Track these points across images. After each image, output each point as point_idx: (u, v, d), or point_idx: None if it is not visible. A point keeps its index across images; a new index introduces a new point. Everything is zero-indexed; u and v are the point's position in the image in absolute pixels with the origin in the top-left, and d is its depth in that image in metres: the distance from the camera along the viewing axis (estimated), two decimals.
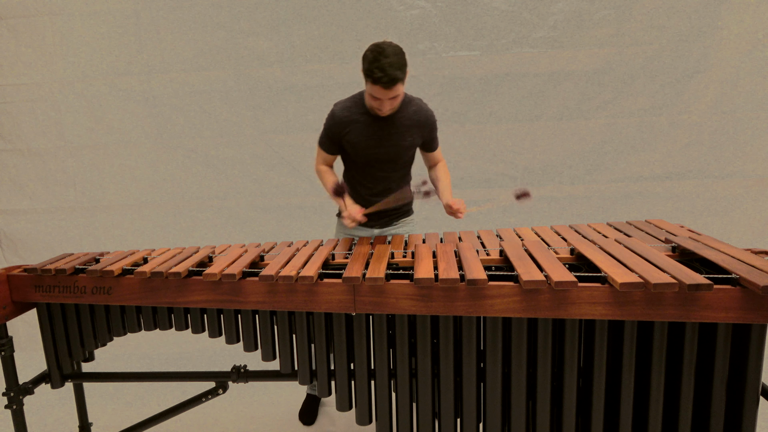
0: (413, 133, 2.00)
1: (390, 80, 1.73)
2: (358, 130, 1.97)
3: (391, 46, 1.75)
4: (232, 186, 3.32)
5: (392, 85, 1.74)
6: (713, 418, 1.35)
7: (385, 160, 2.02)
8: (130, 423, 2.02)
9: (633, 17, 2.99)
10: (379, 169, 2.05)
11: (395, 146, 1.99)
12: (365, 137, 1.97)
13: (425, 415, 1.53)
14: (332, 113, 2.01)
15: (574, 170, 3.17)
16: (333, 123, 2.00)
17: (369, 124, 1.96)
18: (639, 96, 3.07)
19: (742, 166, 3.09)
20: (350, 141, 1.99)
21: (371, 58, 1.74)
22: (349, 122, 1.97)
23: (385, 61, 1.71)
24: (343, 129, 1.98)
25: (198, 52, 3.19)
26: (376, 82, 1.74)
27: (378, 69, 1.72)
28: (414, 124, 1.99)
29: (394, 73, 1.72)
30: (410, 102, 2.00)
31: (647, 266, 1.34)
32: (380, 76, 1.72)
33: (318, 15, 3.10)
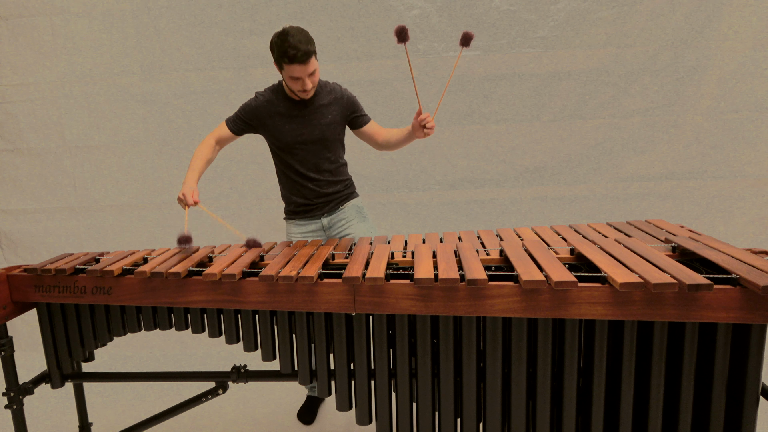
0: (332, 111, 2.12)
1: (304, 54, 1.83)
2: (280, 117, 2.09)
3: (293, 27, 1.86)
4: (232, 186, 3.32)
5: (307, 58, 1.85)
6: (713, 418, 1.35)
7: (311, 141, 2.11)
8: (130, 423, 2.02)
9: (633, 17, 2.99)
10: (307, 151, 2.13)
11: (317, 125, 2.09)
12: (287, 123, 2.08)
13: (425, 415, 1.53)
14: (256, 99, 2.10)
15: (574, 170, 3.17)
16: (256, 105, 2.10)
17: (290, 108, 2.08)
18: (639, 96, 3.07)
19: (742, 166, 3.09)
20: (274, 129, 2.10)
21: (279, 42, 1.85)
22: (269, 111, 2.09)
23: (293, 39, 1.82)
24: (263, 118, 2.10)
25: (198, 52, 3.19)
26: (292, 60, 1.84)
27: (290, 47, 1.82)
28: (331, 101, 2.11)
29: (306, 47, 1.84)
30: (324, 84, 2.13)
31: (647, 266, 1.34)
32: (294, 53, 1.82)
33: (318, 15, 3.10)
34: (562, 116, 3.13)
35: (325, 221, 2.26)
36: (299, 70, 1.87)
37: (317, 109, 2.09)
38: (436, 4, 3.05)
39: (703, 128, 3.07)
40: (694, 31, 2.97)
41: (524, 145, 3.17)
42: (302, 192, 2.20)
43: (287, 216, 2.31)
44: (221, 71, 3.20)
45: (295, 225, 2.28)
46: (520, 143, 3.17)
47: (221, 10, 3.13)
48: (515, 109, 3.14)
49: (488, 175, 3.23)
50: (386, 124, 3.16)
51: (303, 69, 1.87)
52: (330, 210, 2.25)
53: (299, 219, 2.26)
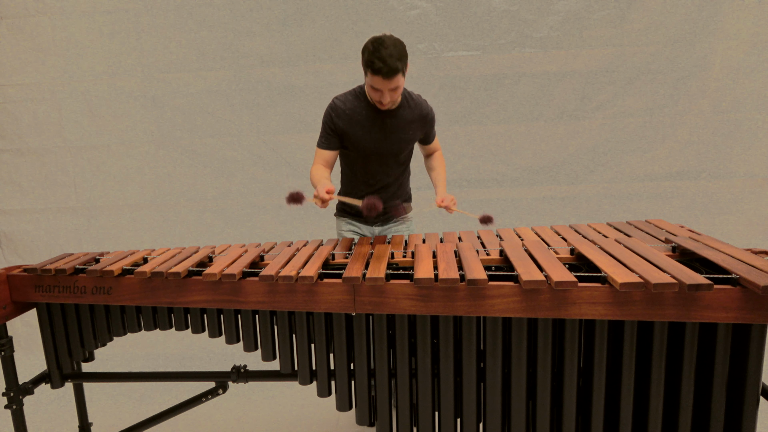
0: (414, 128, 2.03)
1: (390, 70, 1.73)
2: (361, 123, 1.97)
3: (390, 38, 1.76)
4: (232, 186, 3.32)
5: (392, 75, 1.75)
6: (713, 418, 1.35)
7: (387, 154, 2.03)
8: (130, 423, 2.02)
9: (633, 17, 2.99)
10: (380, 164, 2.05)
11: (398, 141, 2.00)
12: (368, 130, 1.97)
13: (425, 415, 1.53)
14: (333, 105, 1.99)
15: (574, 170, 3.17)
16: (334, 114, 1.98)
17: (371, 117, 1.96)
18: (639, 96, 3.07)
19: (742, 166, 3.09)
20: (353, 134, 1.98)
21: (371, 49, 1.75)
22: (351, 114, 1.96)
23: (384, 52, 1.72)
24: (344, 121, 1.97)
25: (198, 52, 3.19)
26: (376, 72, 1.75)
27: (378, 59, 1.72)
28: (415, 119, 2.01)
29: (395, 63, 1.73)
30: (410, 97, 2.01)
31: (647, 266, 1.34)
32: (380, 67, 1.73)
33: (318, 15, 3.10)
34: (562, 116, 3.13)
35: (377, 230, 2.21)
36: (381, 83, 1.78)
37: (400, 123, 1.99)
38: (436, 4, 3.05)
39: (703, 128, 3.07)
40: (694, 31, 2.97)
41: (524, 145, 3.17)
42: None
43: (339, 213, 2.25)
44: (221, 71, 3.20)
45: (346, 223, 2.22)
46: (520, 143, 3.17)
47: (221, 10, 3.13)
48: (515, 109, 3.14)
49: (488, 175, 3.22)
50: None
51: (385, 83, 1.78)
52: (384, 221, 2.21)
53: (351, 218, 2.21)
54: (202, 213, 3.36)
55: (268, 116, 3.24)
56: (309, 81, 3.18)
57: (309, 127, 3.23)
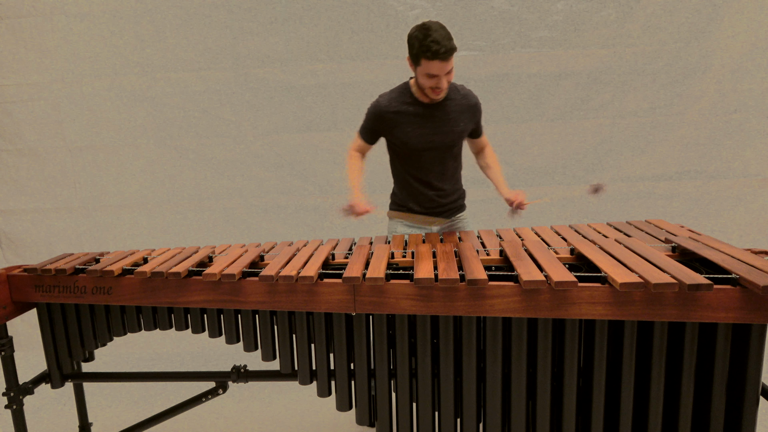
0: (465, 119, 1.98)
1: (447, 50, 1.72)
2: (409, 120, 1.93)
3: (433, 22, 1.76)
4: (232, 186, 3.32)
5: (449, 55, 1.74)
6: (713, 418, 1.35)
7: (440, 148, 1.98)
8: (130, 423, 2.02)
9: (633, 17, 2.99)
10: (433, 158, 1.99)
11: (450, 132, 1.96)
12: (418, 126, 1.94)
13: (425, 415, 1.53)
14: (377, 105, 1.96)
15: (574, 170, 3.17)
16: (378, 115, 1.96)
17: (419, 113, 1.93)
18: (639, 96, 3.07)
19: (742, 166, 3.09)
20: (401, 132, 1.94)
21: (421, 36, 1.74)
22: (396, 114, 1.93)
23: (437, 35, 1.71)
24: (390, 122, 1.94)
25: (198, 52, 3.19)
26: (434, 56, 1.72)
27: (433, 42, 1.71)
28: (465, 109, 1.97)
29: (450, 43, 1.73)
30: (456, 87, 1.98)
31: (647, 266, 1.34)
32: (437, 49, 1.71)
33: (318, 15, 3.10)
34: (562, 116, 3.13)
35: (435, 229, 2.16)
36: (438, 67, 1.75)
37: (450, 114, 1.94)
38: (436, 4, 3.05)
39: (703, 128, 3.07)
40: (694, 31, 2.97)
41: (524, 145, 3.17)
42: (420, 199, 2.06)
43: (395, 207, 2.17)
44: (221, 71, 3.20)
45: (402, 225, 2.14)
46: (520, 143, 3.17)
47: (221, 10, 3.13)
48: (515, 109, 3.14)
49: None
50: None
51: (443, 66, 1.75)
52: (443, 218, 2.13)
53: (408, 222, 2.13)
54: (202, 213, 3.35)
55: (268, 116, 3.24)
56: (309, 81, 3.18)
57: (309, 127, 3.23)
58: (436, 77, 1.79)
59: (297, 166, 3.28)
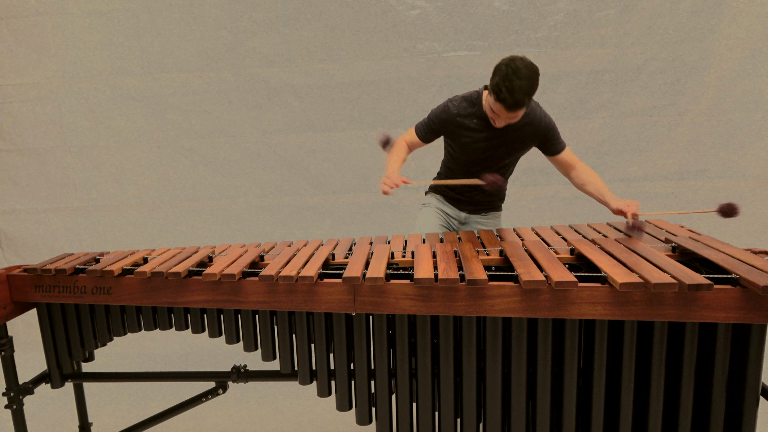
0: (524, 135, 1.93)
1: (514, 104, 1.66)
2: (469, 134, 1.92)
3: (527, 67, 1.66)
4: (232, 186, 3.32)
5: (516, 109, 1.69)
6: (713, 418, 1.35)
7: (491, 164, 2.00)
8: (130, 423, 2.02)
9: (633, 17, 2.99)
10: (483, 169, 1.97)
11: (505, 156, 1.97)
12: (475, 142, 1.93)
13: (425, 415, 1.53)
14: (447, 110, 1.94)
15: None
16: (444, 119, 1.95)
17: (483, 130, 1.90)
18: (639, 96, 3.07)
19: (742, 166, 3.09)
20: (460, 143, 1.96)
21: (503, 74, 1.65)
22: (461, 123, 1.92)
23: (516, 83, 1.62)
24: (454, 129, 1.95)
25: (198, 52, 3.19)
26: (499, 101, 1.68)
27: (507, 89, 1.63)
28: (529, 138, 1.93)
29: (522, 98, 1.65)
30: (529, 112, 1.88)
31: (647, 266, 1.34)
32: (505, 98, 1.65)
33: (318, 15, 3.10)
34: (562, 116, 3.12)
35: (463, 216, 2.19)
36: (502, 111, 1.72)
37: (514, 141, 1.92)
38: (436, 4, 3.05)
39: (703, 128, 3.07)
40: (694, 31, 2.97)
41: None
42: (457, 190, 2.12)
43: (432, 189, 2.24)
44: (221, 71, 3.20)
45: (436, 199, 2.20)
46: None
47: (221, 10, 3.13)
48: None
49: None
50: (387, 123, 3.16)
51: (506, 114, 1.73)
52: (472, 212, 2.19)
53: (445, 199, 2.19)
54: (202, 213, 3.35)
55: (268, 116, 3.24)
56: (309, 81, 3.18)
57: (309, 127, 3.23)
58: (496, 115, 1.77)
59: (297, 166, 3.28)
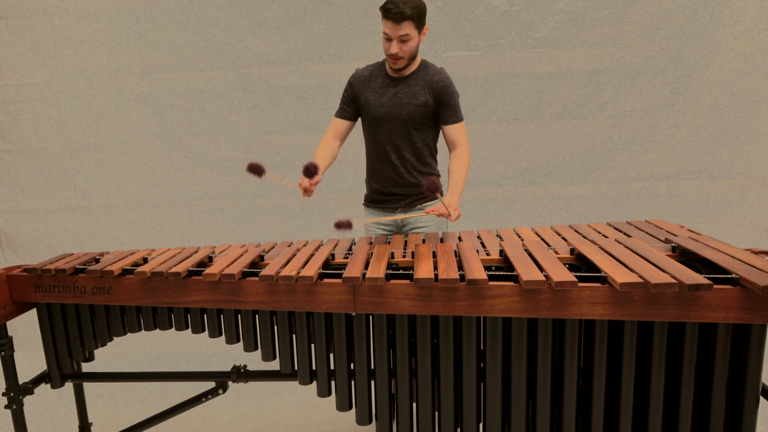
0: (425, 93, 2.01)
1: (399, 13, 1.81)
2: (373, 88, 2.06)
3: None
4: (232, 186, 3.32)
5: (400, 19, 1.82)
6: (713, 418, 1.35)
7: (397, 119, 2.03)
8: (130, 423, 2.02)
9: (633, 17, 2.99)
10: (391, 130, 2.05)
11: (408, 105, 2.02)
12: (379, 95, 2.05)
13: (425, 415, 1.53)
14: (354, 73, 2.12)
15: (574, 170, 3.17)
16: (352, 81, 2.10)
17: (385, 84, 2.05)
18: (639, 96, 3.07)
19: (742, 166, 3.09)
20: (364, 98, 2.07)
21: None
22: (366, 80, 2.07)
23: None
24: (360, 86, 2.08)
25: (198, 52, 3.19)
26: (386, 14, 1.84)
27: (390, 2, 1.82)
28: (426, 83, 2.02)
29: (404, 8, 1.81)
30: (429, 66, 2.05)
31: (647, 266, 1.34)
32: (390, 8, 1.81)
33: (318, 15, 3.10)
34: (562, 116, 3.13)
35: (399, 220, 2.16)
36: (390, 27, 1.85)
37: (412, 87, 2.02)
38: (436, 4, 3.05)
39: (703, 128, 3.07)
40: (694, 31, 2.97)
41: (524, 145, 3.17)
42: (380, 177, 2.13)
43: (365, 202, 2.27)
44: (221, 71, 3.20)
45: (371, 214, 2.23)
46: (520, 143, 3.17)
47: (221, 10, 3.13)
48: (515, 109, 3.14)
49: (488, 175, 3.22)
50: None
51: (394, 28, 1.85)
52: (406, 207, 2.14)
53: (375, 208, 2.21)
54: (202, 213, 3.35)
55: (268, 116, 3.24)
56: (309, 81, 3.18)
57: (309, 127, 3.23)
58: (390, 41, 1.89)
59: (297, 166, 3.28)
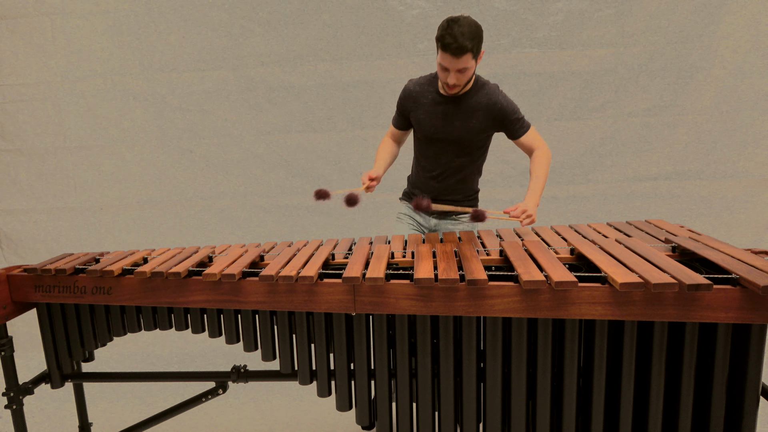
0: (480, 117, 1.96)
1: (458, 48, 1.74)
2: (425, 107, 2.01)
3: (467, 19, 1.78)
4: (232, 186, 3.32)
5: (460, 53, 1.75)
6: (713, 418, 1.35)
7: (449, 141, 2.00)
8: (130, 423, 2.02)
9: (633, 17, 2.99)
10: (438, 150, 2.03)
11: (460, 128, 1.97)
12: (430, 114, 2.00)
13: (425, 415, 1.53)
14: (405, 87, 2.07)
15: (574, 170, 3.17)
16: (403, 96, 2.06)
17: (437, 102, 1.99)
18: (639, 96, 3.07)
19: (742, 166, 3.09)
20: (416, 117, 2.03)
21: (445, 25, 1.77)
22: (418, 97, 2.02)
23: (457, 30, 1.73)
24: (411, 103, 2.03)
25: (198, 52, 3.19)
26: (445, 48, 1.76)
27: (449, 35, 1.74)
28: (481, 107, 1.95)
29: (464, 42, 1.74)
30: (483, 86, 1.98)
31: (647, 266, 1.34)
32: (449, 42, 1.74)
33: (318, 15, 3.10)
34: (562, 116, 3.12)
35: (433, 222, 2.17)
36: (449, 60, 1.79)
37: (465, 109, 1.95)
38: (436, 4, 3.05)
39: (703, 128, 3.07)
40: (694, 31, 2.97)
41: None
42: (422, 186, 2.12)
43: (403, 197, 2.26)
44: (221, 71, 3.20)
45: (406, 206, 2.22)
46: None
47: (221, 10, 3.13)
48: None
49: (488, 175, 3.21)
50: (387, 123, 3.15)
51: (452, 62, 1.78)
52: (442, 215, 2.16)
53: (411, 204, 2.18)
54: (202, 213, 3.35)
55: (268, 116, 3.24)
56: (309, 81, 3.18)
57: (309, 127, 3.23)
58: (446, 71, 1.83)
59: (297, 166, 3.28)
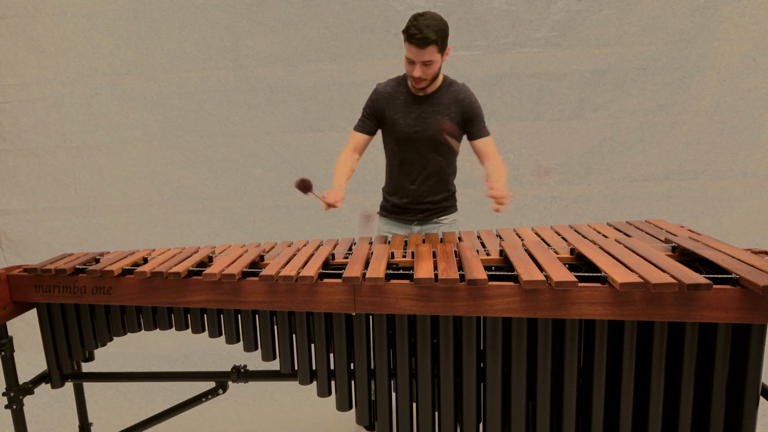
0: (452, 112, 1.98)
1: (423, 39, 1.77)
2: (397, 107, 2.01)
3: (433, 13, 1.82)
4: (232, 186, 3.32)
5: (425, 44, 1.78)
6: (713, 418, 1.35)
7: (423, 140, 2.01)
8: (130, 423, 2.02)
9: (633, 17, 2.99)
10: (416, 151, 2.03)
11: (434, 124, 1.98)
12: (404, 114, 2.00)
13: (425, 415, 1.53)
14: (375, 89, 2.06)
15: (574, 170, 3.17)
16: (375, 98, 2.05)
17: (409, 102, 2.00)
18: (639, 96, 3.07)
19: (742, 166, 3.09)
20: (389, 117, 2.02)
21: (411, 18, 1.81)
22: (390, 98, 2.02)
23: (422, 22, 1.77)
24: (382, 105, 2.03)
25: (198, 52, 3.18)
26: (410, 39, 1.79)
27: (414, 27, 1.78)
28: (452, 102, 1.99)
29: (428, 33, 1.76)
30: (452, 84, 2.02)
31: (647, 266, 1.34)
32: (414, 33, 1.77)
33: (318, 15, 3.10)
34: (562, 116, 3.12)
35: (416, 229, 2.17)
36: (414, 52, 1.81)
37: (437, 108, 1.98)
38: (436, 4, 3.05)
39: (703, 128, 3.07)
40: (694, 31, 2.97)
41: (524, 145, 3.17)
42: (400, 191, 2.12)
43: (381, 212, 2.25)
44: (221, 71, 3.20)
45: (385, 224, 2.21)
46: (520, 143, 3.16)
47: (221, 10, 3.13)
48: (515, 109, 3.13)
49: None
50: None
51: (417, 53, 1.80)
52: (423, 220, 2.15)
53: (391, 219, 2.20)
54: (202, 213, 3.35)
55: (268, 116, 3.24)
56: (309, 81, 3.18)
57: (309, 127, 3.23)
58: (413, 64, 1.85)
59: (297, 166, 3.28)
